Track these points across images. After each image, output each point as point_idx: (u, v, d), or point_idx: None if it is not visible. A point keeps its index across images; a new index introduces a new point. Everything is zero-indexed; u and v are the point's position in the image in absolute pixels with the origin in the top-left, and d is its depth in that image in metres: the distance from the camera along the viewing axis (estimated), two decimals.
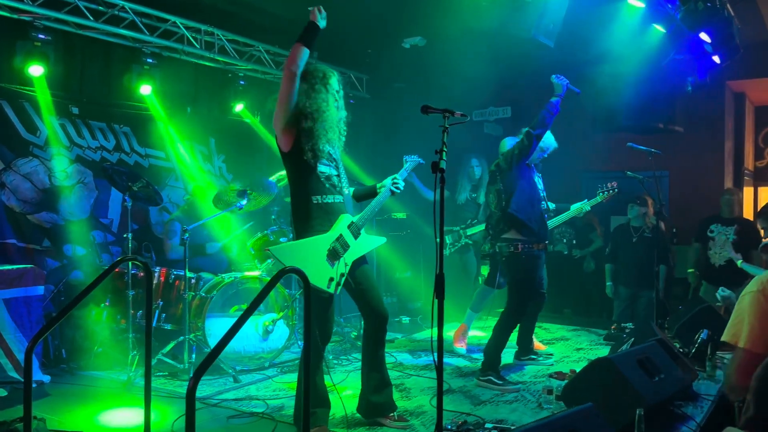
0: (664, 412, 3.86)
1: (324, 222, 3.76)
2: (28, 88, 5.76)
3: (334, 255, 3.73)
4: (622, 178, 6.03)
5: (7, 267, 4.88)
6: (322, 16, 3.69)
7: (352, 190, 4.12)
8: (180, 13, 6.38)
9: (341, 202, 3.86)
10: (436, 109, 3.13)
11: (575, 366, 5.21)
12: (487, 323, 5.91)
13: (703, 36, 5.76)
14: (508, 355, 5.43)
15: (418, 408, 4.33)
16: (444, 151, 2.94)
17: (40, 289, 4.94)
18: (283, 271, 2.81)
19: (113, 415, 4.23)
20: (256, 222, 6.60)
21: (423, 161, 4.42)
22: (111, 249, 6.43)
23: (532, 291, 5.08)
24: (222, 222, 6.31)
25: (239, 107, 7.42)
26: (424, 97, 4.20)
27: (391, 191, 4.07)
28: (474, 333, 6.21)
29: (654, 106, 6.95)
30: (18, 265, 4.95)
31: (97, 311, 5.45)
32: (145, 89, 6.39)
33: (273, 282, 2.80)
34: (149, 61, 6.31)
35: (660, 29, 5.94)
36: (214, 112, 7.53)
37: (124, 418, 4.16)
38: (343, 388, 4.64)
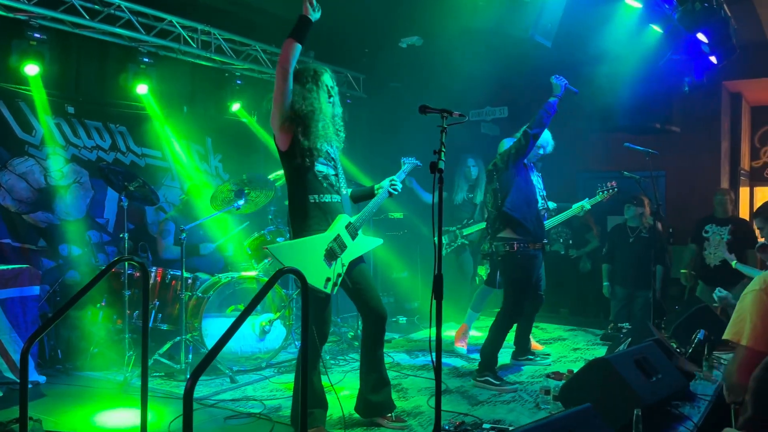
0: (661, 413, 3.86)
1: (321, 221, 3.74)
2: (23, 88, 5.75)
3: (332, 255, 3.72)
4: (619, 178, 6.03)
5: (3, 267, 4.85)
6: (315, 8, 3.59)
7: (350, 191, 4.11)
8: (176, 13, 6.36)
9: (339, 202, 3.84)
10: (434, 109, 3.12)
11: (572, 366, 5.20)
12: (485, 323, 5.90)
13: (700, 36, 5.77)
14: (506, 355, 5.43)
15: (416, 408, 4.33)
16: (443, 152, 2.93)
17: (35, 289, 4.92)
18: (281, 272, 2.80)
19: (109, 416, 4.21)
20: (252, 222, 6.58)
21: (420, 164, 4.39)
22: (107, 249, 6.42)
23: (529, 290, 5.07)
24: (218, 222, 6.29)
25: (236, 107, 7.40)
26: (420, 96, 4.19)
27: (389, 192, 4.07)
28: (473, 333, 6.21)
29: (651, 106, 6.96)
30: (13, 265, 4.93)
31: (93, 311, 5.43)
32: (141, 88, 6.38)
33: (271, 282, 2.79)
34: (145, 60, 6.30)
35: (657, 29, 5.96)
36: (210, 111, 7.51)
37: (121, 419, 4.15)
38: (340, 389, 4.63)
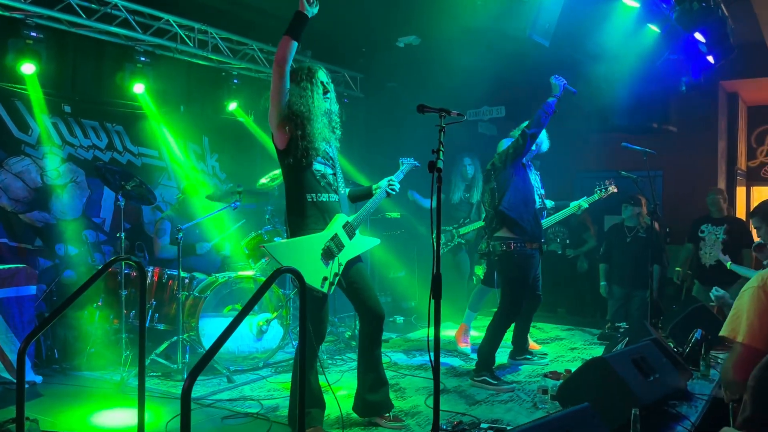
0: (659, 412, 3.86)
1: (318, 220, 3.74)
2: (19, 87, 5.72)
3: (329, 254, 3.72)
4: (616, 177, 6.04)
5: None
6: (312, 3, 3.53)
7: (348, 190, 4.10)
8: (173, 11, 6.34)
9: (336, 201, 3.83)
10: (432, 108, 3.10)
11: (570, 366, 5.20)
12: (483, 323, 5.89)
13: (697, 36, 5.78)
14: (503, 354, 5.43)
15: (414, 408, 4.32)
16: (441, 151, 2.92)
17: (32, 289, 4.90)
18: (279, 271, 2.79)
19: (106, 416, 4.20)
20: (249, 221, 6.57)
21: (419, 164, 4.38)
22: (103, 248, 6.40)
23: (526, 290, 5.06)
24: (214, 221, 6.28)
25: (233, 106, 7.38)
26: (418, 96, 4.17)
27: (387, 193, 4.07)
28: (473, 333, 6.20)
29: (648, 105, 6.97)
30: (10, 265, 4.91)
31: (90, 311, 5.41)
32: (138, 88, 6.36)
33: (269, 282, 2.78)
34: (142, 59, 6.28)
35: (654, 29, 5.96)
36: (207, 110, 7.49)
37: (118, 419, 4.14)
38: (338, 388, 4.63)
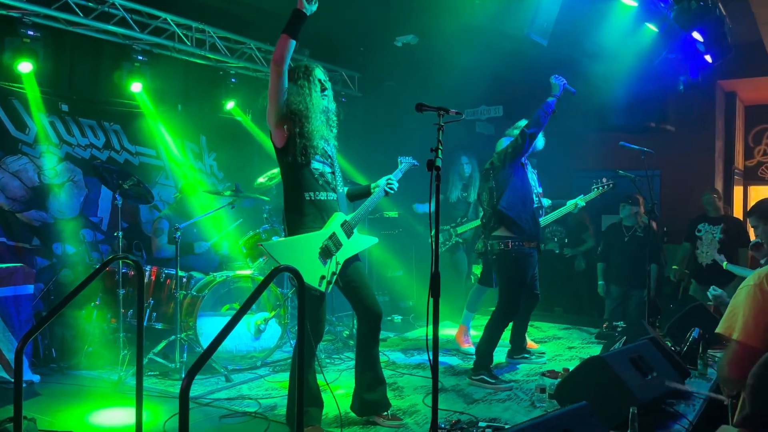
0: (656, 411, 3.87)
1: (316, 219, 3.73)
2: (17, 85, 5.71)
3: (327, 253, 3.71)
4: (614, 177, 6.04)
5: None
6: (310, 2, 3.49)
7: (346, 189, 4.10)
8: (171, 10, 6.33)
9: (334, 200, 3.83)
10: (430, 107, 3.10)
11: (567, 364, 5.21)
12: (481, 322, 5.90)
13: (695, 35, 5.78)
14: (501, 353, 5.43)
15: (412, 407, 4.33)
16: (440, 149, 2.92)
17: (29, 288, 4.89)
18: (277, 270, 2.79)
19: (104, 415, 4.19)
20: (247, 220, 6.56)
21: (417, 163, 4.38)
22: (101, 247, 6.39)
23: (523, 289, 5.05)
24: (212, 220, 6.27)
25: (230, 105, 7.38)
26: (416, 95, 4.17)
27: (385, 191, 4.06)
28: (472, 333, 6.19)
29: (646, 105, 6.97)
30: (7, 264, 4.89)
31: (88, 310, 5.40)
32: (135, 86, 6.35)
33: (267, 280, 2.78)
34: (140, 58, 6.28)
35: (652, 28, 5.96)
36: (205, 109, 7.49)
37: (116, 418, 4.13)
38: (336, 387, 4.63)
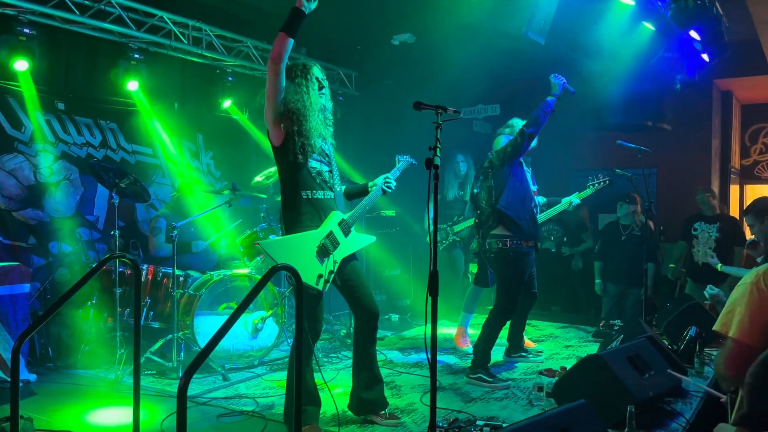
0: (654, 409, 3.88)
1: (313, 217, 3.73)
2: (12, 83, 5.69)
3: (324, 252, 3.71)
4: (611, 175, 6.05)
5: None
6: (309, 0, 3.47)
7: (343, 188, 4.09)
8: (167, 8, 6.31)
9: (331, 198, 3.83)
10: (428, 105, 3.10)
11: (565, 363, 5.22)
12: (479, 320, 5.90)
13: (692, 34, 5.78)
14: (498, 352, 5.43)
15: (409, 405, 4.32)
16: (438, 148, 2.92)
17: (26, 287, 4.88)
18: (275, 268, 2.78)
19: (101, 414, 4.18)
20: (244, 219, 6.56)
21: (415, 162, 4.38)
22: (97, 246, 6.37)
23: (521, 287, 5.05)
24: (210, 219, 6.26)
25: (227, 103, 7.37)
26: (413, 94, 4.17)
27: (383, 190, 4.06)
28: (471, 331, 6.20)
29: (643, 103, 6.98)
30: (3, 263, 4.88)
31: (84, 309, 5.39)
32: (131, 85, 6.34)
33: (265, 279, 2.77)
34: (136, 56, 6.27)
35: (650, 27, 5.96)
36: (201, 108, 7.47)
37: (113, 417, 4.12)
38: (333, 386, 4.62)
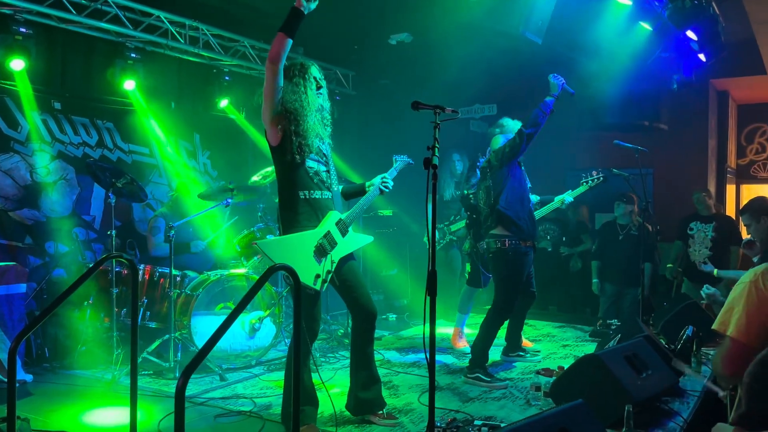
0: (651, 408, 3.88)
1: (311, 217, 3.72)
2: (8, 83, 5.67)
3: (321, 252, 3.70)
4: (608, 175, 6.06)
5: None
6: (309, 0, 3.47)
7: (341, 187, 4.09)
8: (164, 8, 6.30)
9: (329, 198, 3.82)
10: (426, 105, 3.09)
11: (562, 362, 5.22)
12: (477, 320, 5.90)
13: (689, 34, 5.79)
14: (496, 352, 5.44)
15: (407, 405, 4.32)
16: (436, 147, 2.91)
17: (22, 287, 4.86)
18: (273, 268, 2.77)
19: (98, 415, 4.17)
20: (242, 219, 6.55)
21: (412, 161, 4.38)
22: (94, 246, 6.35)
23: (519, 287, 5.05)
24: (207, 219, 6.25)
25: (224, 103, 7.35)
26: (410, 94, 4.17)
27: (380, 190, 4.06)
28: (467, 331, 6.20)
29: (639, 103, 6.99)
30: (0, 263, 4.87)
31: (81, 309, 5.37)
32: (128, 84, 6.32)
33: (263, 279, 2.76)
34: (133, 55, 6.25)
35: (646, 27, 5.97)
36: (198, 107, 7.46)
37: (110, 418, 4.11)
38: (331, 386, 4.62)
